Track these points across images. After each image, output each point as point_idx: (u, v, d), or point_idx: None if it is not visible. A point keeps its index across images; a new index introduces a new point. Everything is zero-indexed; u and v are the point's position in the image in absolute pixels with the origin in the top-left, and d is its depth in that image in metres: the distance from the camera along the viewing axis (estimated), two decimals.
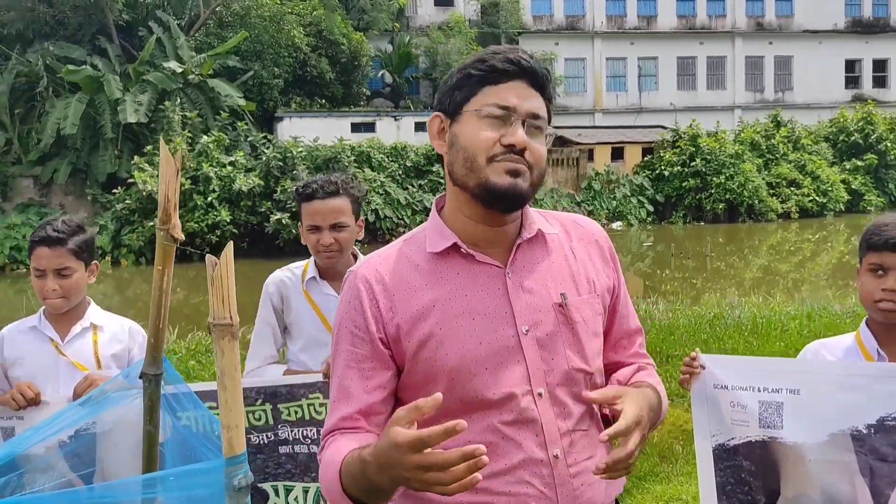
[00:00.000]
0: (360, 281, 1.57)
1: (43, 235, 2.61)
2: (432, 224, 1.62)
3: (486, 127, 1.51)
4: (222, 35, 26.45)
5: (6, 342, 2.74)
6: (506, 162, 1.50)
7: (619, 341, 1.72)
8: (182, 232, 3.79)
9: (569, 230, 1.68)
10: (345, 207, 2.73)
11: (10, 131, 23.41)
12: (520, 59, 1.54)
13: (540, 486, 1.50)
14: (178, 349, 9.14)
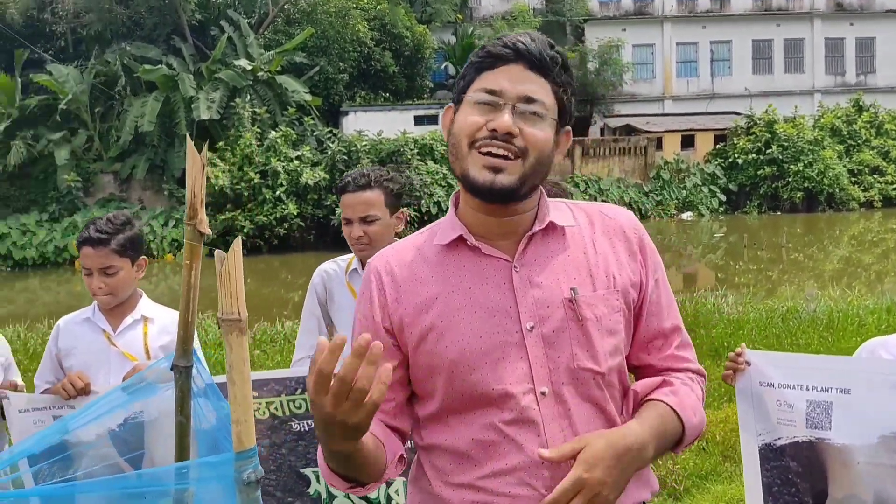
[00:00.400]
0: (372, 272, 1.58)
1: (87, 236, 2.68)
2: (447, 217, 1.60)
3: (475, 112, 1.48)
4: (290, 32, 26.89)
5: (61, 332, 2.84)
6: (487, 149, 1.45)
7: (651, 342, 1.60)
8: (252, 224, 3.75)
9: (593, 221, 1.60)
10: (375, 200, 2.72)
11: (91, 129, 24.32)
12: (516, 43, 1.49)
13: (540, 489, 1.44)
14: None
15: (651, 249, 1.61)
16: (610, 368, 1.52)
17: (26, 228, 22.07)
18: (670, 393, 1.55)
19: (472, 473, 1.47)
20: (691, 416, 1.54)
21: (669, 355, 1.61)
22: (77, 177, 23.10)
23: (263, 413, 2.60)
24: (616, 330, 1.53)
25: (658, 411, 1.52)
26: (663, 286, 1.62)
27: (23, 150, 22.57)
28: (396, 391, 1.56)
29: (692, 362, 1.63)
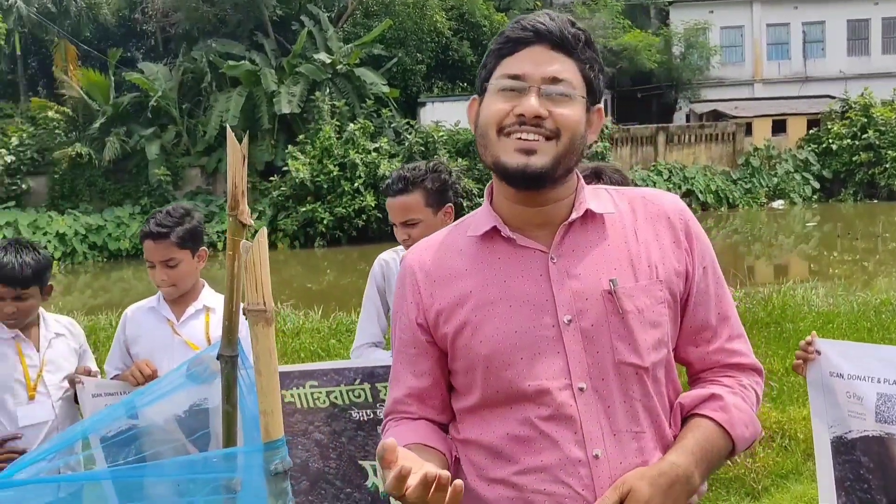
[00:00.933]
0: (406, 268, 1.56)
1: (147, 230, 2.75)
2: (481, 209, 1.56)
3: (500, 99, 1.43)
4: (368, 24, 27.15)
5: (129, 321, 2.94)
6: (517, 134, 1.40)
7: (699, 333, 1.52)
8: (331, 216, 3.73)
9: (636, 208, 1.52)
10: (412, 204, 2.69)
11: (179, 125, 25.16)
12: (535, 24, 1.43)
13: (577, 487, 1.39)
14: (321, 328, 9.54)
15: (699, 236, 1.53)
16: (654, 363, 1.45)
17: (120, 221, 23.05)
18: (719, 409, 1.46)
19: (506, 469, 1.44)
20: (742, 430, 1.46)
21: (719, 348, 1.52)
22: (167, 171, 23.96)
23: (324, 402, 2.63)
24: (659, 322, 1.45)
25: (704, 433, 1.44)
26: (713, 275, 1.53)
27: (117, 145, 23.53)
28: (438, 387, 1.55)
29: (746, 356, 1.54)
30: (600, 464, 1.39)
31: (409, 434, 1.49)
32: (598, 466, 1.39)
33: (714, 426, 1.44)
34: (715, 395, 1.48)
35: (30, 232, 21.86)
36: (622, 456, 1.40)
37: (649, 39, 30.51)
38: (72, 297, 16.98)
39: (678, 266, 1.49)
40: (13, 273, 2.60)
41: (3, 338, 2.70)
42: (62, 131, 24.31)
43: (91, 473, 2.42)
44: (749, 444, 1.49)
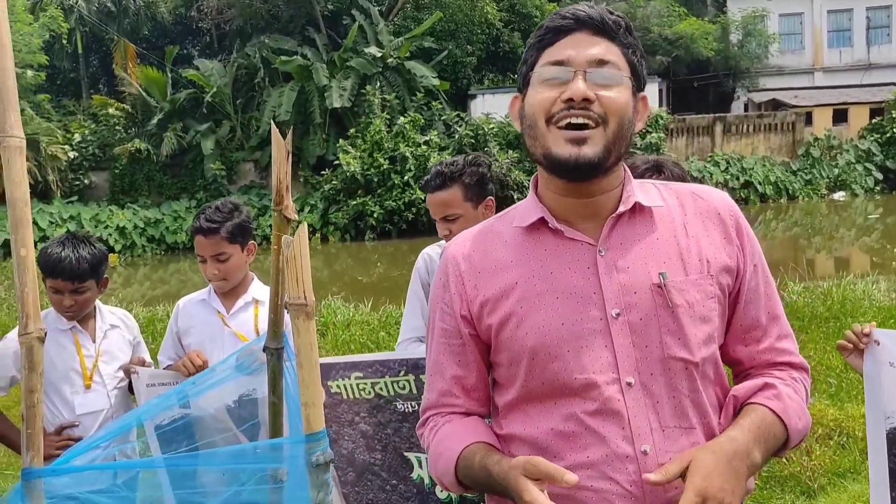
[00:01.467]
0: (449, 259, 1.55)
1: (198, 226, 2.81)
2: (527, 200, 1.55)
3: (546, 88, 1.41)
4: (418, 17, 27.16)
5: (181, 312, 3.01)
6: (566, 119, 1.37)
7: (749, 332, 1.50)
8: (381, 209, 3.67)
9: (684, 203, 1.50)
10: (451, 199, 2.68)
11: (233, 120, 25.60)
12: (575, 11, 1.42)
13: (625, 484, 1.37)
14: (371, 321, 9.62)
15: (749, 233, 1.50)
16: (704, 358, 1.42)
17: (177, 214, 23.58)
18: (773, 397, 1.44)
19: None
20: (796, 421, 1.44)
21: (768, 347, 1.50)
22: (221, 165, 24.40)
23: (369, 393, 2.65)
24: (710, 317, 1.43)
25: (760, 416, 1.42)
26: (762, 273, 1.51)
27: (173, 141, 24.07)
28: (481, 379, 1.55)
29: (794, 355, 1.52)
30: (648, 460, 1.37)
31: (469, 434, 1.50)
32: (647, 462, 1.37)
33: (769, 413, 1.43)
34: (769, 384, 1.47)
35: (92, 225, 22.51)
36: (671, 452, 1.38)
37: (706, 27, 29.88)
38: (131, 289, 17.46)
39: (728, 262, 1.47)
40: (71, 267, 2.69)
41: (61, 329, 2.79)
42: (122, 127, 24.97)
43: (147, 461, 2.50)
44: (801, 437, 1.47)
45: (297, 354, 1.44)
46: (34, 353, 1.67)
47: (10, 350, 2.71)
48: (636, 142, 25.41)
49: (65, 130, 24.46)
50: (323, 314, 10.01)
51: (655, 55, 30.96)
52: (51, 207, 22.50)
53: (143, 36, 29.48)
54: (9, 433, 2.78)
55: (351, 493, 2.63)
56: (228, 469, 2.10)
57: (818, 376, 5.85)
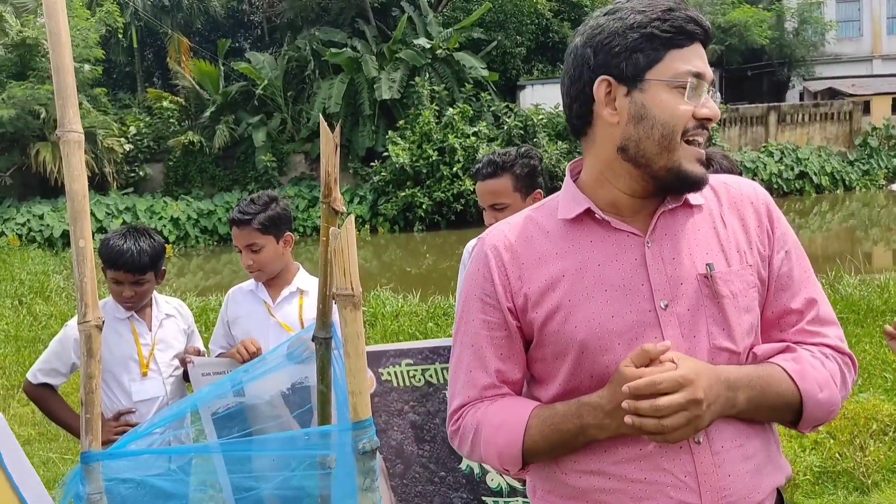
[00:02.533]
0: (489, 248, 1.52)
1: (232, 217, 2.88)
2: (566, 190, 1.53)
3: (681, 99, 1.37)
4: (468, 8, 27.07)
5: (230, 301, 3.07)
6: (696, 141, 1.39)
7: (783, 318, 1.48)
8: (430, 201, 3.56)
9: (719, 195, 1.51)
10: (501, 188, 2.69)
11: (284, 112, 25.89)
12: (699, 19, 1.39)
13: (679, 475, 1.37)
14: (419, 311, 9.69)
15: (780, 220, 1.50)
16: (745, 348, 1.43)
17: (229, 206, 23.92)
18: (791, 359, 1.42)
19: (603, 459, 1.41)
20: (813, 388, 1.40)
21: (800, 329, 1.47)
22: (272, 157, 24.70)
23: (419, 380, 2.66)
24: (752, 307, 1.44)
25: (767, 370, 1.40)
26: (796, 259, 1.49)
27: (226, 133, 24.44)
28: (523, 372, 1.54)
29: (830, 338, 1.48)
30: (701, 449, 1.37)
31: (525, 402, 1.49)
32: (700, 452, 1.37)
33: (780, 371, 1.41)
34: (790, 347, 1.46)
35: (147, 217, 23.04)
36: (722, 440, 1.39)
37: (760, 15, 29.16)
38: (185, 279, 17.85)
39: (763, 250, 1.47)
40: (132, 260, 2.76)
41: (119, 318, 2.88)
42: (176, 120, 25.44)
43: (201, 446, 2.57)
44: (825, 413, 1.43)
45: (344, 344, 1.47)
46: (92, 340, 1.73)
47: (71, 338, 2.80)
48: None
49: (121, 123, 25.01)
50: (372, 305, 10.10)
51: None
52: (107, 199, 23.08)
53: (196, 30, 29.99)
54: (68, 418, 2.88)
55: (399, 486, 2.65)
56: (279, 455, 2.15)
57: (874, 370, 5.72)
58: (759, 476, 1.41)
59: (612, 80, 1.41)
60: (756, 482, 1.41)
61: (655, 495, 1.37)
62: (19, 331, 9.97)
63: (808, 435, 4.71)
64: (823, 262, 11.53)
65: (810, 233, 19.95)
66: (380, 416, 2.65)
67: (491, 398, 1.51)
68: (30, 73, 22.22)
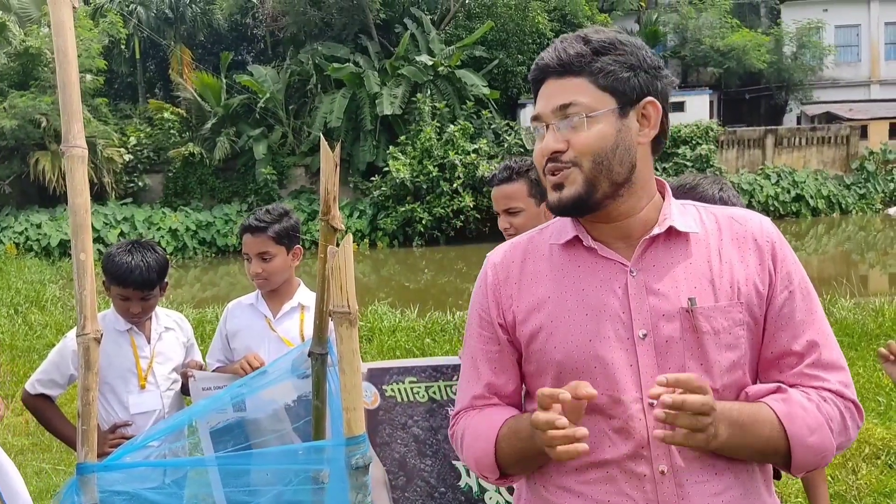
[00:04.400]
0: (490, 266, 1.60)
1: (247, 224, 2.89)
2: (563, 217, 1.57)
3: (535, 143, 1.50)
4: (470, 27, 27.27)
5: (229, 315, 3.08)
6: (549, 174, 1.47)
7: (782, 359, 1.46)
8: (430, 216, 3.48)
9: (722, 227, 1.50)
10: (516, 192, 2.71)
11: (285, 125, 26.00)
12: (539, 61, 1.48)
13: (640, 502, 1.40)
14: (417, 327, 9.69)
15: (785, 259, 1.48)
16: (726, 385, 1.43)
17: (228, 218, 24.00)
18: (780, 400, 1.41)
19: (574, 478, 1.46)
20: (802, 431, 1.38)
21: (799, 373, 1.45)
22: (273, 170, 24.76)
23: (423, 396, 2.67)
24: (736, 345, 1.43)
25: (753, 409, 1.40)
26: (801, 300, 1.46)
27: (226, 145, 24.52)
28: (516, 385, 1.59)
29: (831, 383, 1.43)
30: (665, 480, 1.40)
31: (503, 412, 1.54)
32: (663, 483, 1.40)
33: (768, 411, 1.39)
34: (781, 388, 1.44)
35: (145, 227, 23.05)
36: (689, 474, 1.40)
37: (759, 39, 29.37)
38: (182, 290, 17.84)
39: (761, 288, 1.45)
40: (142, 277, 2.75)
41: (119, 329, 2.88)
42: (176, 131, 25.51)
43: (197, 459, 2.56)
44: (816, 457, 1.41)
45: (339, 360, 1.49)
46: (90, 352, 1.75)
47: (70, 349, 2.80)
48: (685, 153, 25.21)
49: (121, 134, 25.09)
50: (369, 319, 10.10)
51: (707, 66, 30.53)
52: (105, 209, 23.09)
53: (199, 42, 30.16)
54: (64, 429, 2.89)
55: (400, 499, 2.66)
56: (274, 469, 2.16)
57: (867, 394, 5.73)
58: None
59: None
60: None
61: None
62: (14, 340, 9.95)
63: None
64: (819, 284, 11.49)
65: (806, 255, 19.99)
66: (384, 429, 2.66)
67: (479, 407, 1.58)
68: (32, 83, 22.30)
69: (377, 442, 2.63)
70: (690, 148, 25.54)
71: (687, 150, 25.44)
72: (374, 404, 2.60)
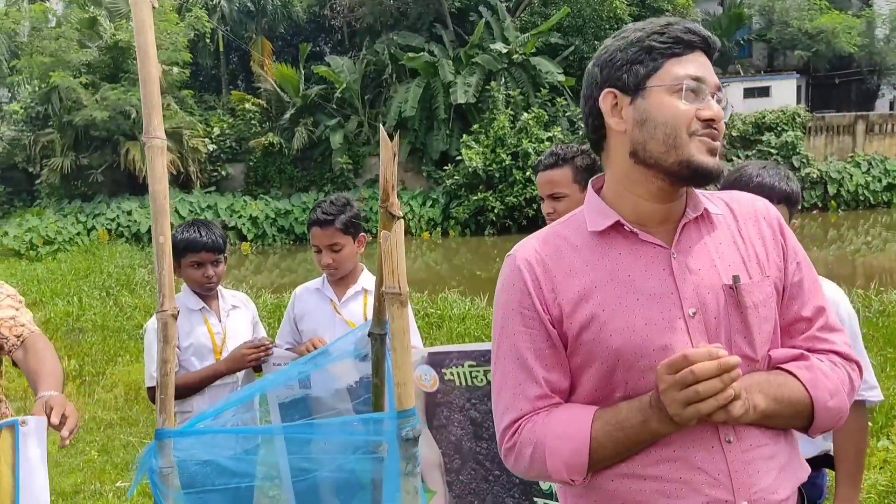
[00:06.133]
0: (522, 263, 1.56)
1: (315, 218, 3.02)
2: (591, 204, 1.59)
3: (680, 100, 1.47)
4: (545, 13, 27.01)
5: (297, 299, 3.24)
6: (705, 138, 1.46)
7: (793, 325, 1.57)
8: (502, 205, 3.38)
9: (734, 211, 1.59)
10: (561, 178, 2.75)
11: (361, 115, 26.38)
12: (702, 32, 1.50)
13: (713, 473, 1.44)
14: (487, 315, 9.77)
15: (790, 233, 1.60)
16: (763, 356, 1.52)
17: (306, 206, 24.51)
18: (804, 368, 1.50)
19: (637, 462, 1.47)
20: (824, 395, 1.49)
21: (810, 336, 1.56)
22: (349, 159, 25.20)
23: (481, 381, 2.70)
24: (771, 317, 1.52)
25: (781, 379, 1.49)
26: (806, 269, 1.59)
27: (304, 135, 25.07)
28: (568, 380, 1.56)
29: (839, 345, 1.56)
30: (733, 448, 1.44)
31: (586, 409, 1.50)
32: (731, 451, 1.44)
33: (794, 380, 1.49)
34: (804, 355, 1.53)
35: (227, 214, 23.82)
36: (750, 439, 1.46)
37: (849, 21, 28.16)
38: (261, 276, 18.40)
39: (778, 262, 1.56)
40: (212, 240, 3.05)
41: (193, 309, 3.10)
42: (257, 122, 26.24)
43: (265, 428, 2.73)
44: (833, 419, 1.51)
45: (391, 339, 1.58)
46: (168, 328, 1.90)
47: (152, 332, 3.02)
48: (770, 140, 24.41)
49: (205, 124, 25.93)
50: (439, 307, 10.22)
51: (794, 50, 29.47)
52: (191, 197, 23.96)
53: (279, 34, 30.85)
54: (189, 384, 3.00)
55: (455, 481, 2.70)
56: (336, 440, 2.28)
57: None
58: (782, 475, 1.48)
59: (616, 91, 1.52)
60: (779, 481, 1.47)
61: (690, 494, 1.43)
62: (106, 321, 10.50)
63: (875, 453, 4.61)
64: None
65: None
66: (441, 412, 2.72)
67: (546, 409, 1.53)
68: (122, 76, 23.26)
69: (434, 425, 2.70)
70: (776, 135, 24.75)
71: (772, 137, 24.68)
72: (434, 387, 2.67)
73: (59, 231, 21.57)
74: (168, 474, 1.86)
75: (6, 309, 2.49)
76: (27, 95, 25.90)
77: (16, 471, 1.79)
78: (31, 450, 1.82)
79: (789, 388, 1.48)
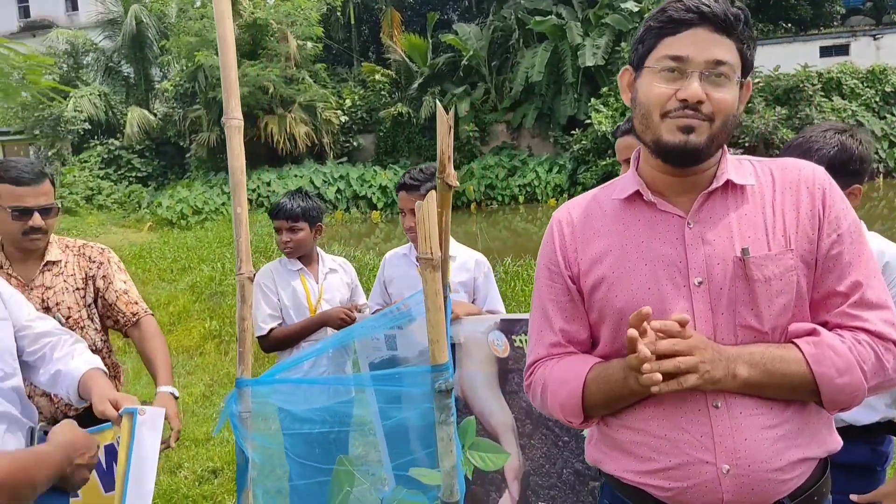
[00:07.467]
0: (555, 223, 1.72)
1: (402, 182, 3.17)
2: (627, 173, 1.68)
3: (661, 81, 1.50)
4: None
5: (387, 264, 3.44)
6: (679, 119, 1.48)
7: (828, 299, 1.53)
8: None
9: (775, 179, 1.58)
10: (636, 143, 2.77)
11: (488, 82, 26.40)
12: (699, 5, 1.48)
13: (696, 434, 1.50)
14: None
15: (834, 205, 1.54)
16: (775, 328, 1.52)
17: None
18: (811, 343, 1.48)
19: (634, 415, 1.58)
20: (830, 372, 1.46)
21: (842, 312, 1.51)
22: (475, 127, 25.33)
23: None
24: (787, 290, 1.51)
25: (779, 351, 1.49)
26: (850, 243, 1.52)
27: (432, 104, 25.42)
28: (587, 332, 1.69)
29: (871, 322, 1.49)
30: (720, 414, 1.50)
31: (587, 360, 1.64)
32: (718, 416, 1.49)
33: (796, 353, 1.48)
34: (816, 330, 1.50)
35: (358, 184, 24.59)
36: (741, 408, 1.50)
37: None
38: (391, 244, 18.96)
39: (811, 234, 1.52)
40: (288, 208, 3.36)
41: (292, 269, 3.42)
42: (387, 92, 26.84)
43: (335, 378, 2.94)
44: (846, 396, 1.47)
45: (425, 299, 1.72)
46: (245, 288, 2.12)
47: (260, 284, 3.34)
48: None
49: (338, 96, 26.78)
50: None
51: None
52: (324, 167, 24.91)
53: (408, 4, 31.22)
54: (296, 332, 3.31)
55: (527, 445, 2.82)
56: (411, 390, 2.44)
57: None
58: (781, 444, 1.49)
59: (630, 69, 1.61)
60: (777, 450, 1.49)
61: (672, 451, 1.52)
62: None
63: None
64: None
65: None
66: (513, 378, 2.83)
67: (558, 356, 1.69)
68: (260, 52, 24.34)
69: (507, 390, 2.81)
70: None
71: None
72: (505, 353, 2.78)
73: (206, 202, 23.06)
74: (246, 418, 2.10)
75: (119, 282, 2.85)
76: (176, 74, 27.64)
77: (129, 455, 1.93)
78: (145, 438, 1.96)
79: (786, 361, 1.47)
